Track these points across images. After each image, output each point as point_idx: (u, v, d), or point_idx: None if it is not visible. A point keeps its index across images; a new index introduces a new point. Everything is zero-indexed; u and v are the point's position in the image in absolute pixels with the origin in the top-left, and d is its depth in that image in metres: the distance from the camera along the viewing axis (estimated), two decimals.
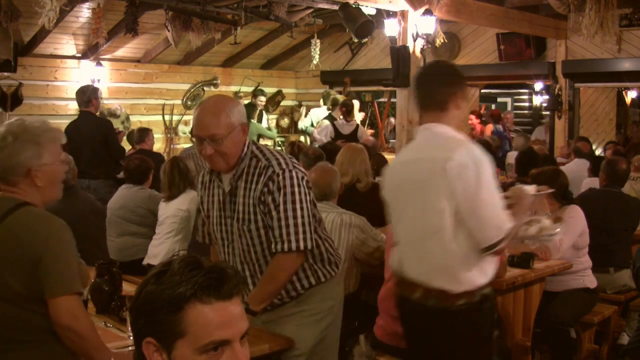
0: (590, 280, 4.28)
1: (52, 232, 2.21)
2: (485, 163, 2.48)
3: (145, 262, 4.73)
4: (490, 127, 10.38)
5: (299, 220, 2.56)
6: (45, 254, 2.16)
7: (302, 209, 2.57)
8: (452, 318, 2.56)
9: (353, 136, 8.49)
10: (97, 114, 6.90)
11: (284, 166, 2.57)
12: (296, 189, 2.56)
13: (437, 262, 2.56)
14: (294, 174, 2.57)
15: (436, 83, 2.66)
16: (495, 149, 8.75)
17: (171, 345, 1.31)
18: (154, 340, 1.32)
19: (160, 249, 4.69)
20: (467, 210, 2.47)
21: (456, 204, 2.48)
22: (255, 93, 10.52)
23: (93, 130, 6.40)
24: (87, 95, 6.52)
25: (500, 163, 8.21)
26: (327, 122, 9.20)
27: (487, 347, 2.62)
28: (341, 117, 9.02)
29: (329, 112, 9.59)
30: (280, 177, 2.54)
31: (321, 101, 10.65)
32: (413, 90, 2.75)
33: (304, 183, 2.60)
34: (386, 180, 2.88)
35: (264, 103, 10.35)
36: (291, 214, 2.54)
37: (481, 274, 2.57)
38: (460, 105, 2.63)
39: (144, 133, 7.20)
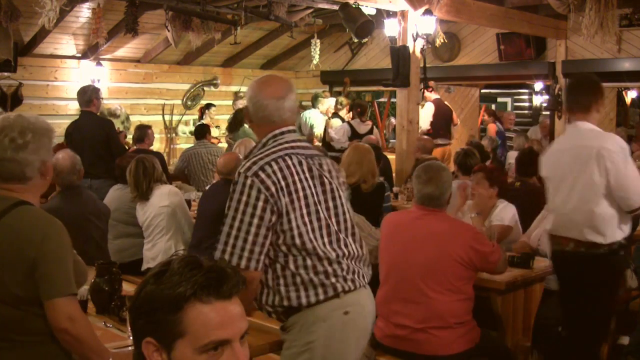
0: None
1: (48, 234, 2.19)
2: (627, 148, 3.42)
3: (144, 267, 4.72)
4: (494, 127, 10.37)
5: (231, 232, 2.30)
6: (41, 255, 2.15)
7: (234, 219, 2.30)
8: (597, 261, 3.44)
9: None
10: (98, 113, 6.89)
11: (242, 169, 2.35)
12: (238, 197, 2.31)
13: (591, 222, 3.41)
14: (247, 181, 2.31)
15: (582, 92, 3.55)
16: (493, 150, 8.75)
17: (171, 345, 1.30)
18: (153, 340, 1.31)
19: (154, 251, 4.69)
20: (616, 184, 3.35)
21: (607, 179, 3.35)
22: None
23: (94, 129, 6.40)
24: (88, 95, 6.51)
25: (499, 163, 8.21)
26: (338, 120, 9.23)
27: (621, 279, 3.67)
28: (349, 117, 9.10)
29: (337, 111, 9.58)
30: (236, 179, 2.36)
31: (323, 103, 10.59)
32: (564, 97, 3.73)
33: (255, 193, 2.30)
34: (546, 163, 3.73)
35: None
36: (228, 222, 2.32)
37: (620, 230, 3.46)
38: (599, 109, 3.54)
39: (143, 132, 7.11)
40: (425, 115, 8.48)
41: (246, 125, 8.99)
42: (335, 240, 2.46)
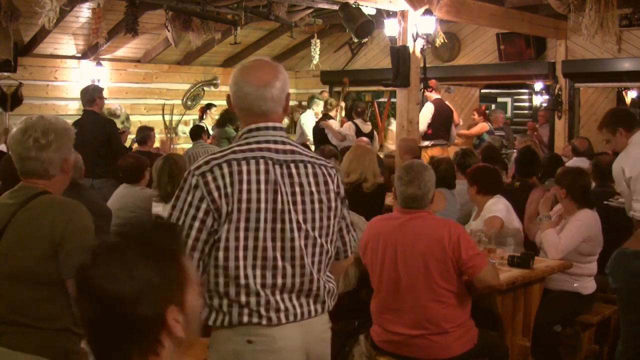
0: (583, 287, 4.22)
1: (73, 217, 2.35)
2: None
3: None
4: (485, 127, 10.31)
5: None
6: (67, 236, 2.31)
7: (178, 219, 2.11)
8: None
9: (370, 136, 8.68)
10: (101, 113, 6.89)
11: (193, 167, 2.16)
12: (184, 196, 2.12)
13: None
14: (192, 180, 2.12)
15: None
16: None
17: (184, 298, 1.27)
18: (174, 306, 1.25)
19: None
20: None
21: None
22: None
23: (96, 129, 6.40)
24: (90, 94, 6.52)
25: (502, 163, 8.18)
26: (334, 120, 9.26)
27: None
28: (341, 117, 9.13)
29: (327, 112, 9.58)
30: (185, 176, 2.19)
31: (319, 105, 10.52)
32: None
33: (199, 195, 2.09)
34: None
35: None
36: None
37: None
38: None
39: (146, 134, 7.12)
40: (424, 116, 8.45)
41: (228, 125, 9.00)
42: (271, 267, 2.13)
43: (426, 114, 8.39)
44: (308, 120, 9.62)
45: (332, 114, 9.47)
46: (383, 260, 3.37)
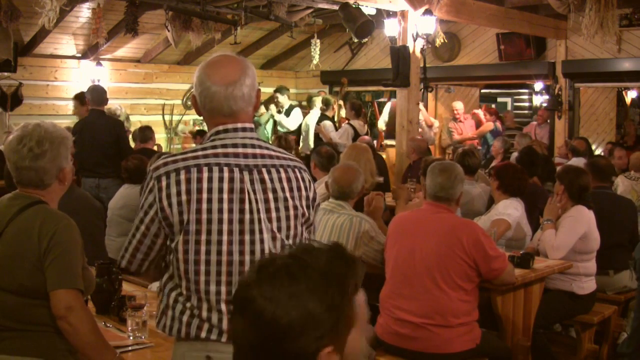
0: (580, 287, 4.19)
1: (58, 230, 2.29)
2: None
3: None
4: (490, 126, 10.30)
5: (130, 232, 2.06)
6: (51, 249, 2.25)
7: (136, 219, 2.05)
8: None
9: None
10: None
11: (153, 165, 2.05)
12: (145, 196, 2.03)
13: None
14: (150, 182, 2.02)
15: None
16: (506, 150, 8.63)
17: (346, 339, 1.17)
18: (331, 348, 1.14)
19: None
20: None
21: None
22: None
23: (105, 129, 6.43)
24: (100, 94, 6.57)
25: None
26: (329, 122, 9.21)
27: None
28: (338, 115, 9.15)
29: (322, 112, 9.54)
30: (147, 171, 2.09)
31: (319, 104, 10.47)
32: None
33: (151, 199, 2.00)
34: None
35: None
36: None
37: None
38: None
39: (148, 133, 7.20)
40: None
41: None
42: (236, 282, 1.93)
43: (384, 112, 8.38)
44: (314, 122, 9.53)
45: (328, 113, 9.44)
46: (400, 245, 3.45)
